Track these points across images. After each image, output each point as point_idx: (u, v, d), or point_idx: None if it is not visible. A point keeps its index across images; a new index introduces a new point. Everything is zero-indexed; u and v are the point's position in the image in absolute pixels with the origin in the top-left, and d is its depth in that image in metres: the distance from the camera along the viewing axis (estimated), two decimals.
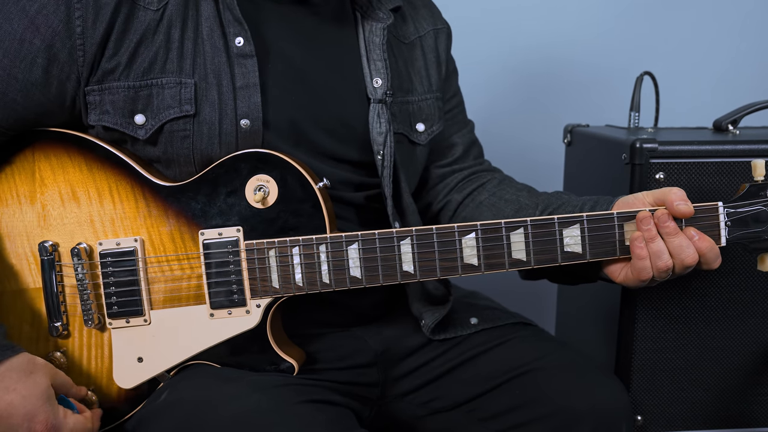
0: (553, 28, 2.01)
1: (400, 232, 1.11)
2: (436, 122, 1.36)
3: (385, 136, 1.23)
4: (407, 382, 1.26)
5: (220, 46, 1.13)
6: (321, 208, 1.11)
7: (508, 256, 1.11)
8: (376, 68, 1.25)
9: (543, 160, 2.00)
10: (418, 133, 1.32)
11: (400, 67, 1.32)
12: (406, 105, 1.31)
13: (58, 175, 1.13)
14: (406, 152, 1.31)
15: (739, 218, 1.11)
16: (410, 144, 1.32)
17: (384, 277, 1.12)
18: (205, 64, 1.12)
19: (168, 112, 1.11)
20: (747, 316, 1.42)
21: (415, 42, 1.36)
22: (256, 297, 1.12)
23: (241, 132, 1.12)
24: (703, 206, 1.11)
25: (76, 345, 1.15)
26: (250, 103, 1.13)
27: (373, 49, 1.25)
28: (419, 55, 1.35)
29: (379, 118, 1.23)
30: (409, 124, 1.31)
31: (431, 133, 1.35)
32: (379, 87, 1.24)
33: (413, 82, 1.33)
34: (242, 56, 1.13)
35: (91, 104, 1.12)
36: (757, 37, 2.08)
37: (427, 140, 1.34)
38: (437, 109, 1.36)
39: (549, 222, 1.11)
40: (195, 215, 1.12)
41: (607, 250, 1.11)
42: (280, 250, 1.11)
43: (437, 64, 1.38)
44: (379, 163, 1.23)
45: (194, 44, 1.12)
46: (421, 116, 1.33)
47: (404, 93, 1.31)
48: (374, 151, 1.23)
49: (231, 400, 1.05)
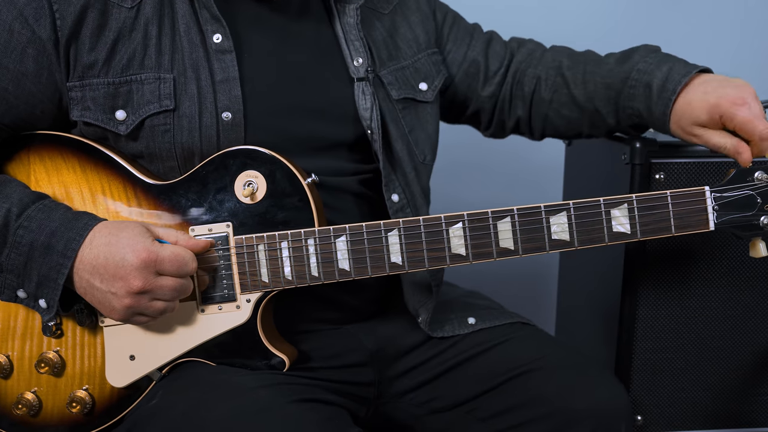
0: (553, 29, 1.99)
1: (387, 224, 1.12)
2: (437, 76, 1.37)
3: (371, 111, 1.23)
4: (405, 381, 1.25)
5: (198, 42, 1.15)
6: (309, 202, 1.12)
7: (496, 245, 1.11)
8: (355, 48, 1.26)
9: (543, 160, 1.98)
10: (422, 92, 1.33)
11: (385, 39, 1.32)
12: (401, 71, 1.32)
13: (53, 177, 1.16)
14: (416, 115, 1.31)
15: (726, 202, 1.11)
16: (418, 104, 1.32)
17: (372, 269, 1.12)
18: (183, 60, 1.14)
19: (148, 107, 1.13)
20: (747, 316, 1.41)
21: (395, 10, 1.36)
22: (246, 292, 1.12)
23: (222, 125, 1.14)
24: (690, 191, 1.11)
25: (69, 344, 1.15)
26: (231, 96, 1.15)
27: (350, 30, 1.26)
28: (401, 21, 1.36)
29: (364, 95, 1.24)
30: (412, 87, 1.32)
31: (435, 87, 1.35)
32: (360, 65, 1.25)
33: (401, 48, 1.33)
34: (221, 52, 1.15)
35: (73, 100, 1.14)
36: (757, 37, 2.09)
37: (434, 96, 1.35)
38: (433, 64, 1.37)
39: (536, 210, 1.11)
40: (186, 212, 1.13)
41: (595, 237, 1.11)
42: (269, 245, 1.12)
43: (422, 22, 1.38)
44: (370, 138, 1.24)
45: (171, 41, 1.15)
46: (420, 76, 1.33)
47: (395, 61, 1.31)
48: (365, 128, 1.24)
49: (222, 401, 1.05)
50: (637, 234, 1.11)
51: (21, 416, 1.16)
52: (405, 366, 1.25)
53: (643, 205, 1.11)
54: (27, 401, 1.15)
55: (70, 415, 1.15)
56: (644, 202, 1.11)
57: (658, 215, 1.11)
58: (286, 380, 1.12)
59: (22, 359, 1.16)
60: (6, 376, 1.16)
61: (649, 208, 1.11)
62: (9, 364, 1.16)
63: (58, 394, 1.16)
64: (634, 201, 1.10)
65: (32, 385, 1.16)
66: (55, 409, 1.16)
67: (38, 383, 1.16)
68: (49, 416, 1.16)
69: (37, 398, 1.16)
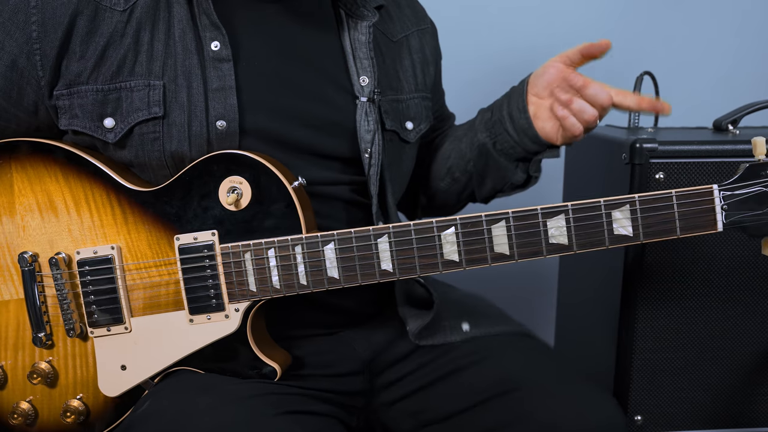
0: (552, 29, 1.99)
1: (377, 230, 1.07)
2: (423, 121, 1.34)
3: (374, 135, 1.21)
4: (395, 389, 1.21)
5: (192, 48, 1.11)
6: (296, 209, 1.08)
7: (491, 251, 1.07)
8: (362, 66, 1.22)
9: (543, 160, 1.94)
10: (407, 131, 1.30)
11: (388, 66, 1.29)
12: (396, 103, 1.29)
13: (36, 186, 1.13)
14: (397, 150, 1.28)
15: (737, 200, 1.04)
16: (401, 141, 1.29)
17: (362, 277, 1.08)
18: (176, 66, 1.10)
19: (137, 114, 1.09)
20: (747, 317, 1.39)
21: (402, 41, 1.33)
22: (234, 301, 1.10)
23: (216, 133, 1.10)
24: (697, 190, 1.04)
25: (61, 354, 1.14)
26: (226, 105, 1.11)
27: (359, 47, 1.22)
28: (406, 54, 1.33)
29: (367, 116, 1.21)
30: (400, 122, 1.29)
31: (419, 131, 1.33)
32: (366, 85, 1.22)
33: (401, 81, 1.31)
34: (218, 60, 1.11)
35: (60, 109, 1.11)
36: (756, 36, 2.04)
37: (416, 138, 1.32)
38: (424, 109, 1.35)
39: (532, 213, 1.06)
40: (170, 220, 1.10)
41: (595, 240, 1.06)
42: (256, 253, 1.08)
43: (423, 65, 1.36)
44: (366, 161, 1.20)
45: (165, 46, 1.11)
46: (409, 114, 1.30)
47: (394, 91, 1.29)
48: (362, 149, 1.20)
49: (207, 412, 1.03)
50: (639, 236, 1.05)
51: (18, 426, 1.16)
52: (396, 374, 1.22)
53: (646, 206, 1.04)
54: (23, 410, 1.15)
55: (66, 424, 1.15)
56: (647, 202, 1.04)
57: (662, 216, 1.04)
58: (274, 390, 1.10)
59: (15, 369, 1.15)
60: (0, 386, 1.16)
61: (652, 209, 1.04)
62: (3, 374, 1.15)
63: (53, 402, 1.15)
64: (636, 202, 1.04)
65: (27, 394, 1.16)
66: (51, 418, 1.16)
67: (33, 392, 1.15)
68: (46, 425, 1.16)
69: (32, 407, 1.15)
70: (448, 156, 1.38)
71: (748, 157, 1.07)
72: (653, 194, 1.04)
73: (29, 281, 1.12)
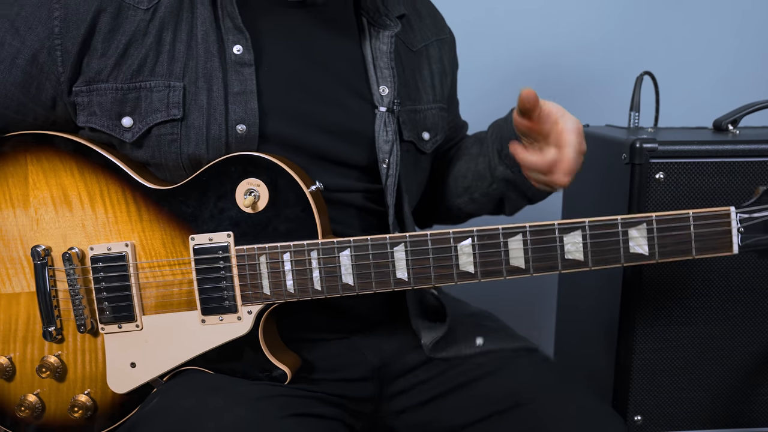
0: (552, 30, 2.00)
1: (393, 238, 1.07)
2: (440, 132, 1.34)
3: (392, 145, 1.20)
4: (405, 399, 1.21)
5: (215, 51, 1.10)
6: (313, 213, 1.08)
7: (506, 264, 1.07)
8: (382, 76, 1.21)
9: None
10: (424, 141, 1.30)
11: (407, 76, 1.29)
12: (414, 114, 1.28)
13: (51, 180, 1.12)
14: (413, 161, 1.29)
15: (753, 224, 1.05)
16: (417, 152, 1.29)
17: (377, 284, 1.08)
18: (197, 68, 1.10)
19: (155, 115, 1.09)
20: (747, 316, 1.40)
21: (422, 51, 1.33)
22: (247, 303, 1.09)
23: (236, 137, 1.10)
24: (714, 212, 1.05)
25: (70, 349, 1.14)
26: (246, 109, 1.10)
27: (380, 56, 1.22)
28: (425, 64, 1.33)
29: (386, 126, 1.20)
30: (417, 133, 1.29)
31: (435, 142, 1.32)
32: (385, 95, 1.21)
33: (420, 91, 1.30)
34: (240, 64, 1.11)
35: (79, 105, 1.11)
36: (756, 36, 2.05)
37: (432, 149, 1.32)
38: (441, 119, 1.34)
39: (549, 228, 1.06)
40: (186, 220, 1.10)
41: (610, 257, 1.06)
42: (271, 256, 1.08)
43: (442, 76, 1.36)
44: (383, 171, 1.20)
45: (187, 47, 1.10)
46: (426, 125, 1.30)
47: (412, 102, 1.28)
48: (379, 159, 1.20)
49: (215, 413, 1.03)
50: (655, 256, 1.05)
51: (25, 418, 1.16)
52: (406, 383, 1.22)
53: (663, 225, 1.05)
54: (30, 403, 1.15)
55: (73, 419, 1.15)
56: (664, 222, 1.05)
57: (679, 237, 1.05)
58: (283, 392, 1.10)
59: (24, 361, 1.15)
60: (9, 378, 1.15)
61: (669, 228, 1.05)
62: (11, 366, 1.15)
63: (60, 396, 1.15)
64: (653, 221, 1.05)
65: (35, 387, 1.15)
66: (58, 412, 1.16)
67: (41, 385, 1.15)
68: (52, 419, 1.16)
69: (39, 400, 1.15)
70: (464, 175, 1.36)
71: (749, 158, 1.07)
72: (670, 214, 1.05)
73: (41, 275, 1.11)
